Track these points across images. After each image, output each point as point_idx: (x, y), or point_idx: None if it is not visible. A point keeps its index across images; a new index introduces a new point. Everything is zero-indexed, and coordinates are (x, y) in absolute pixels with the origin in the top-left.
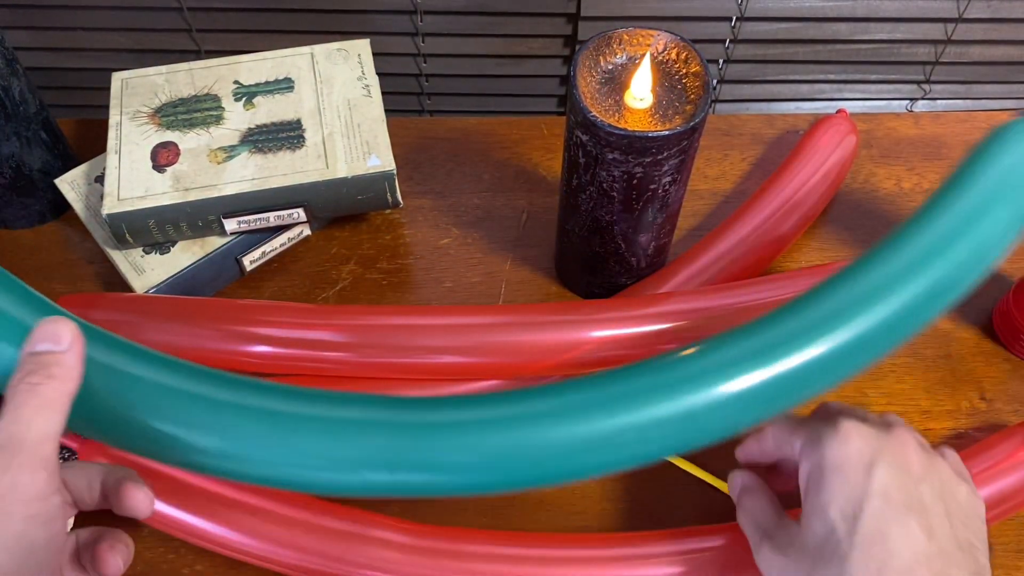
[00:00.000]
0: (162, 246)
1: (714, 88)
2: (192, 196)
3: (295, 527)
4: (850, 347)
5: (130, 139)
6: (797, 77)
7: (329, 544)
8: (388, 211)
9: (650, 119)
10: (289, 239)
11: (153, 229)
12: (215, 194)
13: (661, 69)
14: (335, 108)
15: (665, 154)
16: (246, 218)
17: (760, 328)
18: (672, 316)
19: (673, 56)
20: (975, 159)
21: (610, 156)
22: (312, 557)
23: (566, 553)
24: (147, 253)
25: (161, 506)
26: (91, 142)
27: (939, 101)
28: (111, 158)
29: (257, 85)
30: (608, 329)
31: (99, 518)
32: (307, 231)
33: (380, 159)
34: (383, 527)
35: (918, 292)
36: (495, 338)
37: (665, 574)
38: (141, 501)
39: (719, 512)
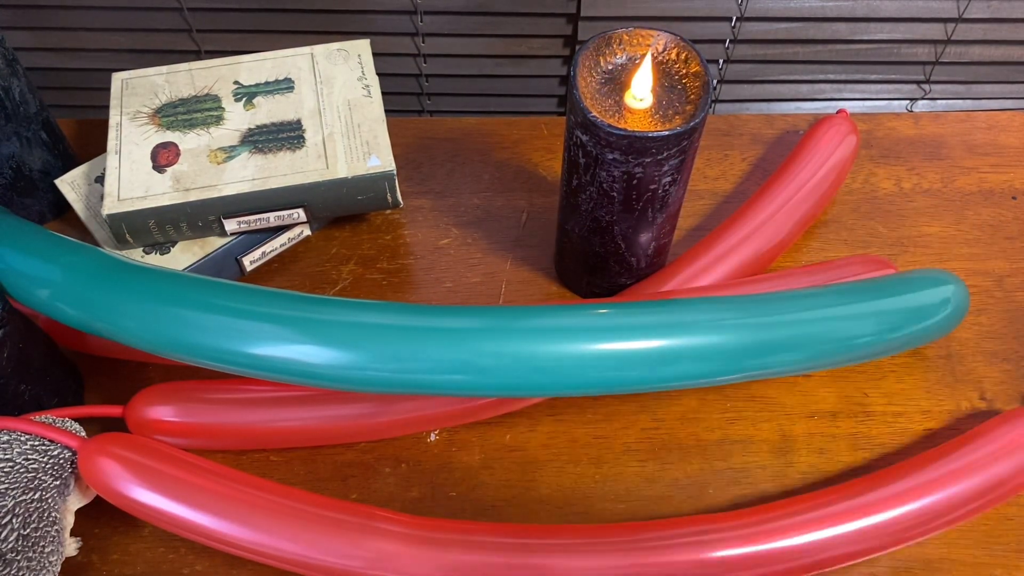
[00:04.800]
0: (162, 246)
1: (714, 88)
2: (192, 196)
3: (295, 520)
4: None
5: (130, 139)
6: (797, 77)
7: (329, 536)
8: (388, 211)
9: (650, 119)
10: (289, 239)
11: (153, 229)
12: (215, 194)
13: (661, 69)
14: (335, 108)
15: (665, 154)
16: (246, 218)
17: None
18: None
19: (673, 56)
20: (909, 280)
21: (610, 156)
22: (312, 549)
23: (568, 542)
24: (147, 253)
25: (163, 503)
26: (91, 142)
27: (939, 101)
28: (111, 158)
29: (257, 85)
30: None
31: (99, 516)
32: (307, 231)
33: (380, 159)
34: (384, 520)
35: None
36: None
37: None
38: None
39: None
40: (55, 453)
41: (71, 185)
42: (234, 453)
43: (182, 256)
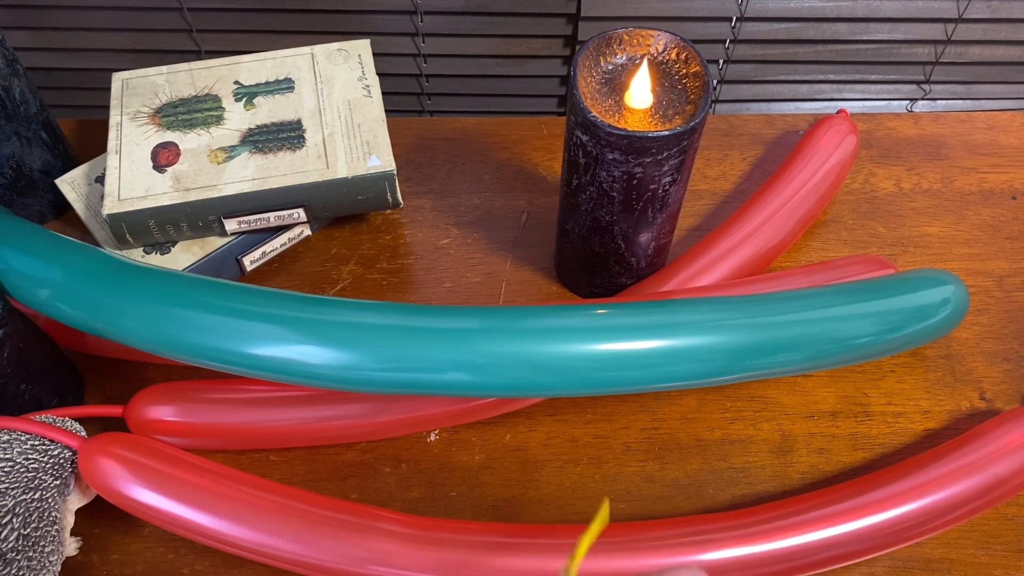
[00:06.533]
0: (162, 246)
1: (714, 88)
2: (192, 196)
3: (295, 520)
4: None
5: (130, 139)
6: (797, 77)
7: (329, 536)
8: (388, 211)
9: (650, 119)
10: (289, 239)
11: (153, 229)
12: (215, 194)
13: (661, 69)
14: (335, 108)
15: (665, 154)
16: (246, 218)
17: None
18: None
19: (673, 56)
20: (909, 280)
21: (610, 156)
22: (312, 549)
23: (567, 542)
24: (147, 253)
25: (163, 503)
26: (91, 142)
27: (939, 101)
28: (111, 158)
29: (257, 85)
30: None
31: (99, 516)
32: (307, 231)
33: (380, 159)
34: (384, 519)
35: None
36: None
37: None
38: None
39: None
40: (55, 453)
41: (71, 185)
42: (234, 453)
43: (182, 256)
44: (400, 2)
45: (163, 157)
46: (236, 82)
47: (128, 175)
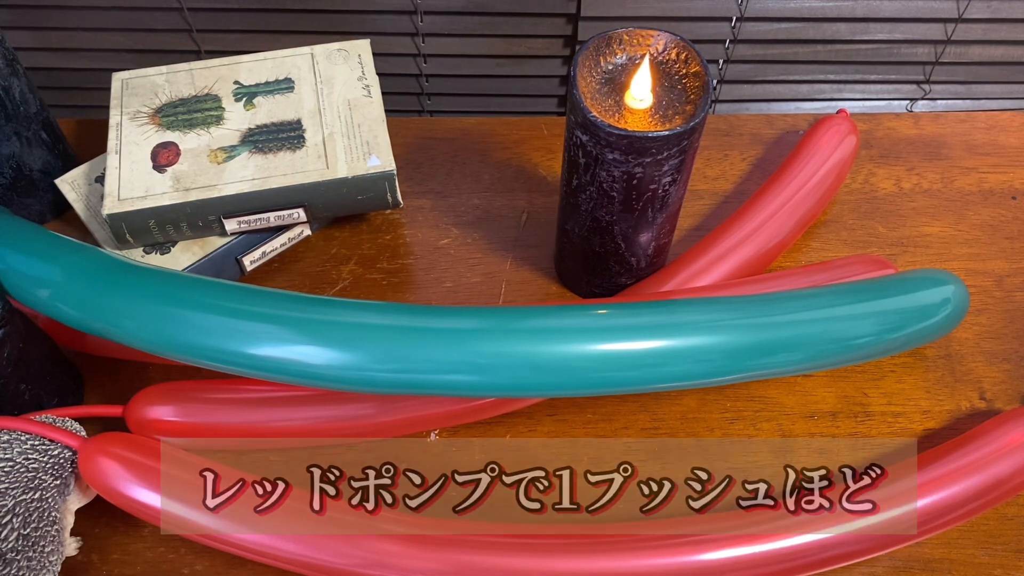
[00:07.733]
0: (162, 246)
1: (714, 88)
2: (192, 196)
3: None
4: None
5: (130, 139)
6: (797, 77)
7: (329, 536)
8: (388, 211)
9: (650, 119)
10: (289, 239)
11: (153, 229)
12: (215, 194)
13: (661, 69)
14: (335, 108)
15: (665, 154)
16: (246, 218)
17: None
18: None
19: (673, 56)
20: (910, 279)
21: (610, 156)
22: (312, 549)
23: (567, 542)
24: (147, 253)
25: (162, 503)
26: (91, 142)
27: (939, 101)
28: (111, 158)
29: (257, 85)
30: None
31: (99, 516)
32: (307, 231)
33: (380, 159)
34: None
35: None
36: None
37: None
38: None
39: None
40: (55, 453)
41: (71, 185)
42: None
43: (182, 256)
44: (400, 2)
45: (163, 157)
46: (236, 82)
47: (128, 175)
